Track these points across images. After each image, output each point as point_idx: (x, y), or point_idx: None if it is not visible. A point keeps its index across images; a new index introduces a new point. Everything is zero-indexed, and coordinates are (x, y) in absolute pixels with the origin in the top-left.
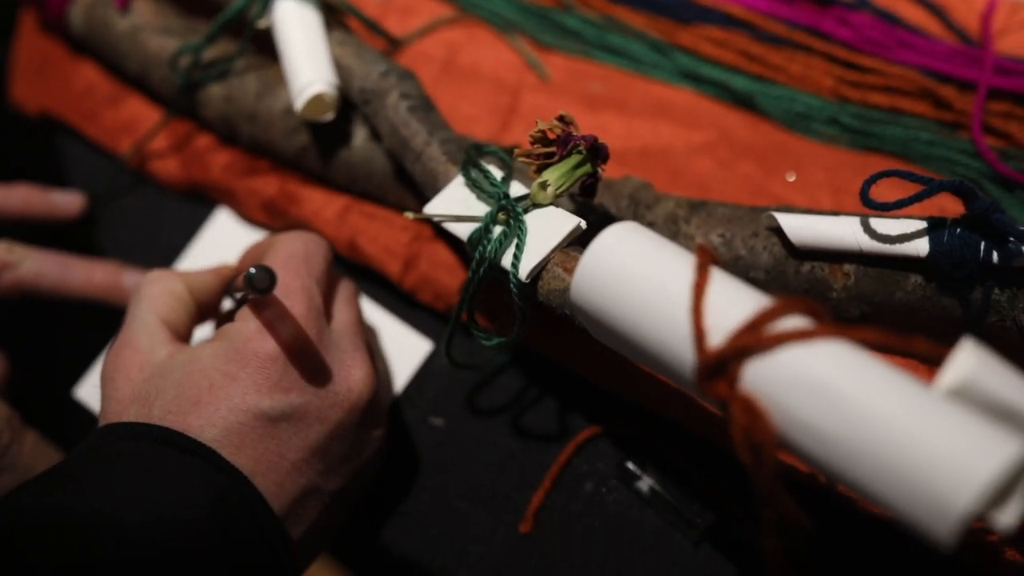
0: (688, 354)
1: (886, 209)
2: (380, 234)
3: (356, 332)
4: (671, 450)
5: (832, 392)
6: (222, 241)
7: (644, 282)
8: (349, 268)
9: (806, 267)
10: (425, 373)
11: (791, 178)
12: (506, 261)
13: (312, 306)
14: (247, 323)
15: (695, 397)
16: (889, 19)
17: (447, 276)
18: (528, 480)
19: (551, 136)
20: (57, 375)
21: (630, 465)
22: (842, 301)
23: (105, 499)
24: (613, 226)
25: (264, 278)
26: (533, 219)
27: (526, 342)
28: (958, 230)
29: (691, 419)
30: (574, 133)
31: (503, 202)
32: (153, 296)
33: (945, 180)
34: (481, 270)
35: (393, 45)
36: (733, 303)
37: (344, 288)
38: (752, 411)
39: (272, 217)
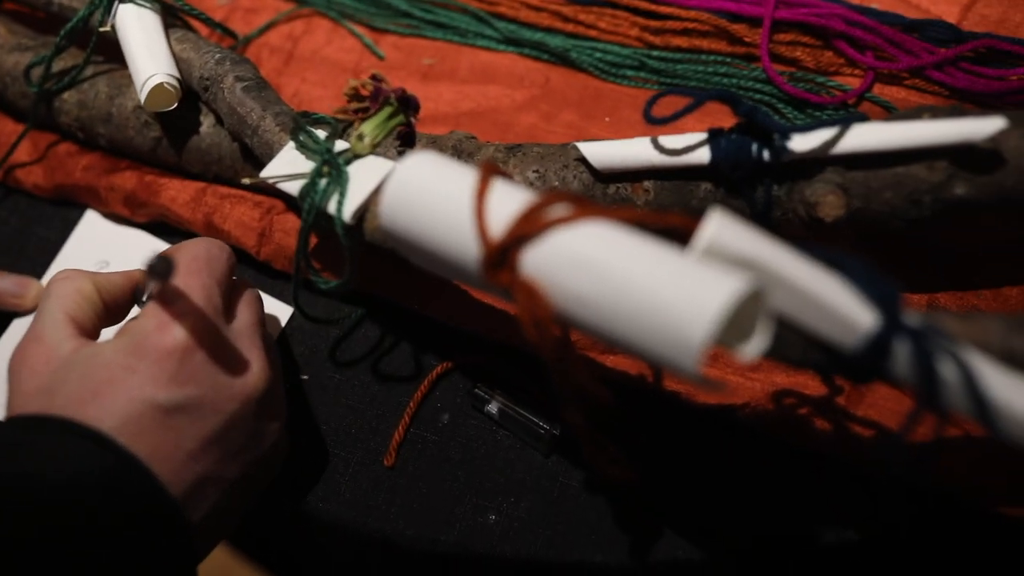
0: (477, 253)
1: (663, 123)
2: (234, 211)
3: (255, 332)
4: (516, 373)
5: (592, 263)
6: (94, 240)
7: (438, 197)
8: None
9: (612, 188)
10: (290, 336)
11: (607, 120)
12: (332, 207)
13: (211, 304)
14: (148, 319)
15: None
16: None
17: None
18: (390, 420)
19: (364, 93)
20: None
21: (479, 391)
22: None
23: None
24: (409, 154)
25: (160, 264)
26: (355, 169)
27: (378, 292)
28: (732, 136)
29: (519, 340)
30: (384, 88)
31: (326, 156)
32: (62, 294)
33: (711, 90)
34: (310, 218)
35: (239, 41)
36: (511, 203)
37: (247, 292)
38: (531, 292)
39: (135, 210)
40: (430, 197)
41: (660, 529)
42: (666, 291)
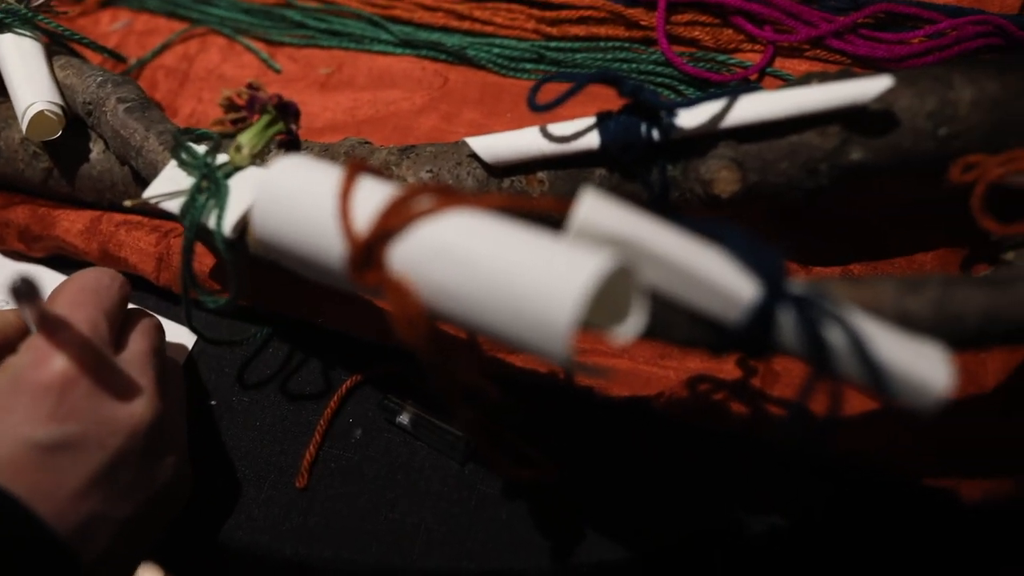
0: (344, 253)
1: (547, 109)
2: (130, 238)
3: (146, 362)
4: (427, 380)
5: (456, 252)
6: None
7: (304, 200)
8: None
9: (506, 182)
10: (197, 362)
11: (510, 116)
12: (212, 222)
13: (97, 334)
14: (26, 353)
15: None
16: None
17: (199, 265)
18: (302, 439)
19: (239, 102)
20: None
21: (389, 402)
22: None
23: None
24: (278, 160)
25: (23, 286)
26: (236, 182)
27: (281, 309)
28: (620, 117)
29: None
30: (260, 96)
31: (204, 171)
32: None
33: (593, 72)
34: (191, 235)
35: (132, 65)
36: (375, 199)
37: (144, 322)
38: (400, 288)
39: (30, 245)
40: (297, 200)
41: (583, 531)
42: (530, 275)
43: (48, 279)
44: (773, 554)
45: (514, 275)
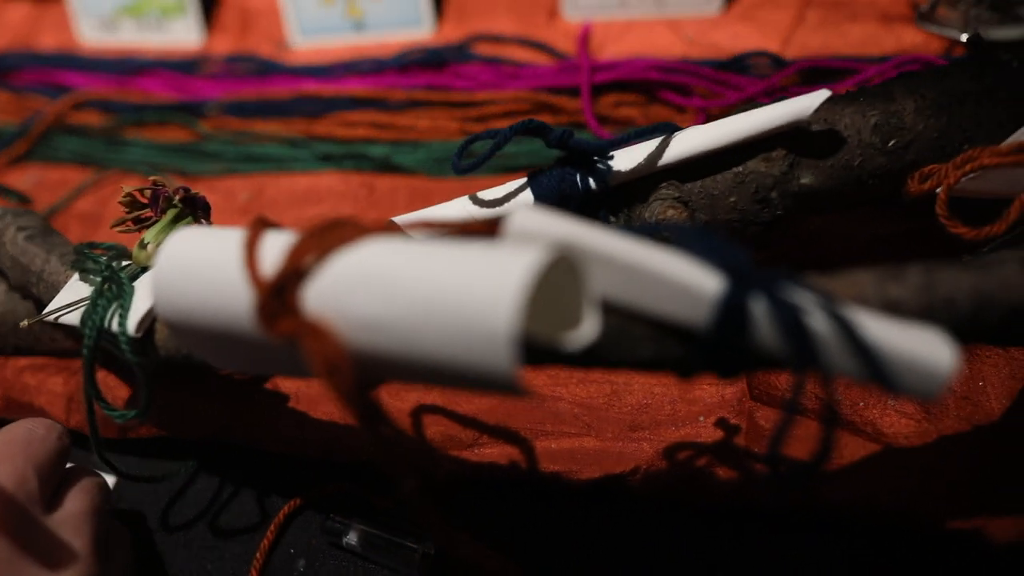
0: (253, 303)
1: (471, 170)
2: (36, 381)
3: (83, 524)
4: (373, 494)
5: (377, 278)
6: None
7: (206, 260)
8: None
9: None
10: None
11: None
12: (114, 325)
13: (24, 491)
14: None
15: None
16: (497, 62)
17: (113, 396)
18: (240, 574)
19: (143, 200)
20: None
21: (333, 521)
22: None
23: None
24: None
25: None
26: (141, 282)
27: (203, 435)
28: (552, 171)
29: (371, 452)
30: (164, 190)
31: (105, 274)
32: None
33: (516, 124)
34: (92, 342)
35: (48, 213)
36: (282, 243)
37: (84, 480)
38: (316, 331)
39: None
40: (198, 263)
41: None
42: (460, 282)
43: None
44: None
45: (443, 287)
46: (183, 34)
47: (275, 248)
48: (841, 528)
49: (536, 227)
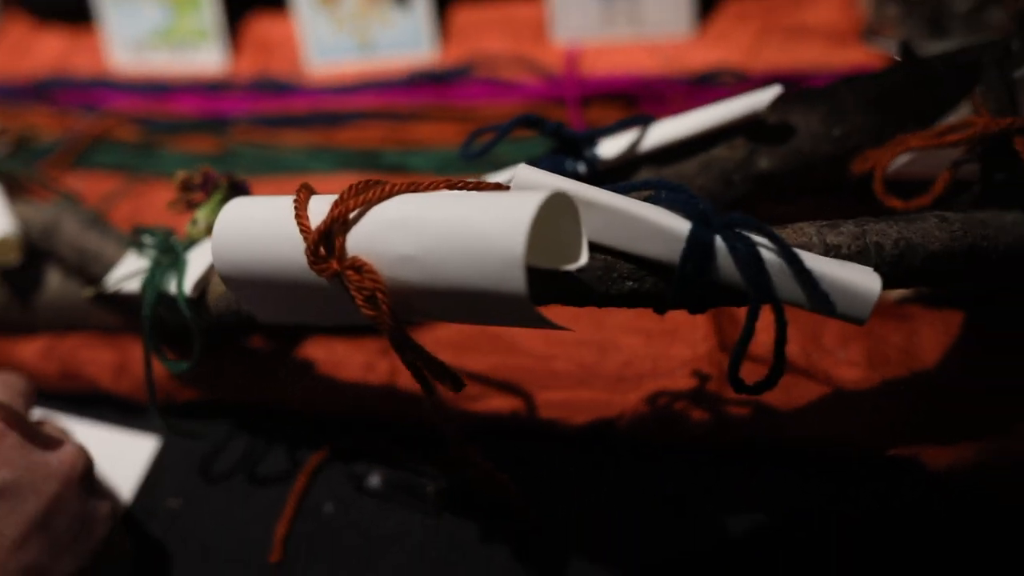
0: (303, 249)
1: (478, 156)
2: (88, 356)
3: (63, 429)
4: (393, 445)
5: (408, 221)
6: None
7: (260, 218)
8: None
9: None
10: (159, 469)
11: None
12: (172, 288)
13: (13, 394)
14: None
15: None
16: (493, 80)
17: (159, 368)
18: (274, 517)
19: (195, 181)
20: None
21: (357, 467)
22: None
23: None
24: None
25: None
26: (195, 253)
27: (241, 398)
28: (547, 157)
29: (389, 408)
30: (213, 174)
31: (162, 246)
32: None
33: (514, 119)
34: (152, 302)
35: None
36: (326, 202)
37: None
38: (359, 266)
39: None
40: (253, 222)
41: (565, 561)
42: (478, 218)
43: None
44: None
45: (464, 223)
46: (208, 58)
47: (317, 207)
48: (799, 461)
49: (537, 178)
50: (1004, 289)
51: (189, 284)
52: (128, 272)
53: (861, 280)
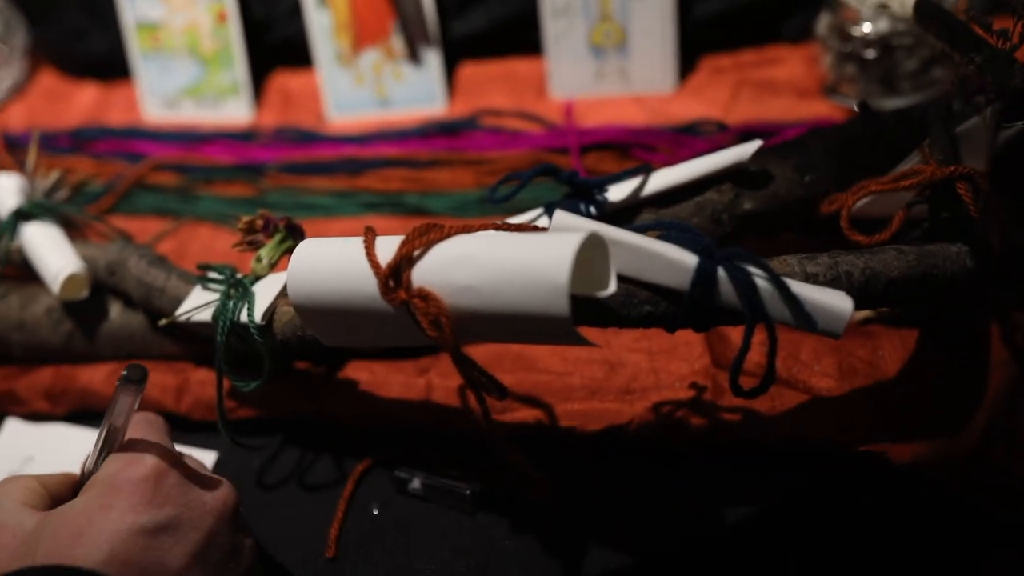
0: (375, 287)
1: (505, 200)
2: (150, 379)
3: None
4: (431, 453)
5: (468, 257)
6: (17, 447)
7: (333, 257)
8: None
9: None
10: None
11: None
12: (244, 317)
13: (161, 435)
14: (113, 463)
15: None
16: (499, 130)
17: (213, 389)
18: (326, 519)
19: (257, 225)
20: None
21: (400, 473)
22: None
23: None
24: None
25: (135, 371)
26: (260, 286)
27: (296, 411)
28: (564, 201)
29: (427, 420)
30: (273, 217)
31: (231, 281)
32: (10, 489)
33: (535, 169)
34: (225, 329)
35: None
36: (392, 242)
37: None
38: (425, 295)
39: (55, 403)
40: (326, 259)
41: (585, 549)
42: (528, 254)
43: (73, 436)
44: (753, 545)
45: (517, 258)
46: (235, 111)
47: (386, 245)
48: (781, 459)
49: (571, 222)
50: (950, 309)
51: (259, 312)
52: (197, 304)
53: (836, 302)
